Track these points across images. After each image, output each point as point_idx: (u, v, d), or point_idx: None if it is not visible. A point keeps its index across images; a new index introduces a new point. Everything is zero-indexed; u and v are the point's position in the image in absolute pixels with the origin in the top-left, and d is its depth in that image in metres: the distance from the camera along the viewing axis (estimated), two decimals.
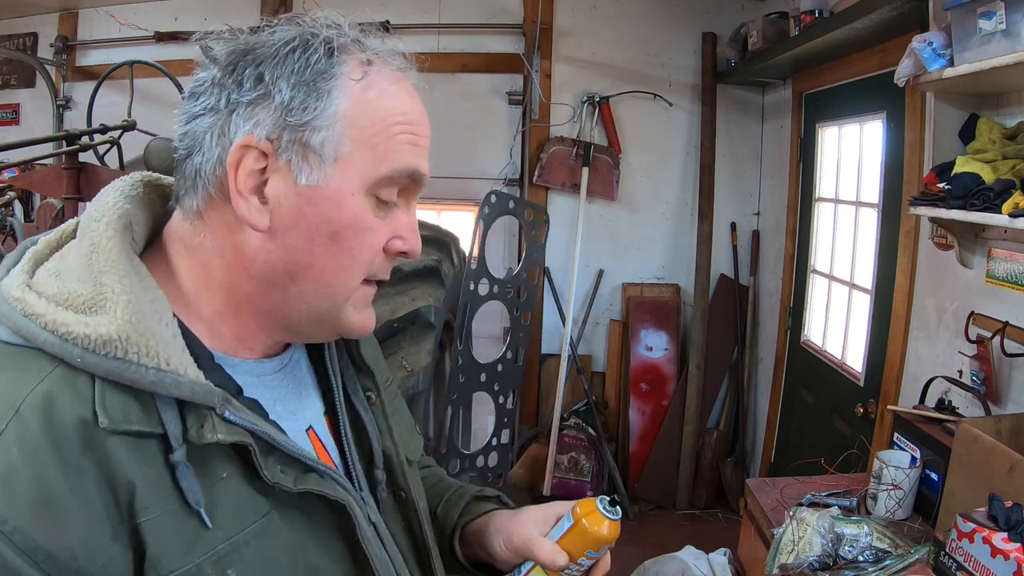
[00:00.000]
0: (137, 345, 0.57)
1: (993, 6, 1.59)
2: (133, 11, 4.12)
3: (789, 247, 3.60)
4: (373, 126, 0.64)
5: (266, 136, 0.62)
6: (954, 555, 1.34)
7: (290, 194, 0.63)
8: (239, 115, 0.62)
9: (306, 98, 0.62)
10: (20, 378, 0.55)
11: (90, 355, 0.56)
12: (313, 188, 0.63)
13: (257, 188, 0.63)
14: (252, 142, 0.62)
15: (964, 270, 2.12)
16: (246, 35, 0.65)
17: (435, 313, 1.96)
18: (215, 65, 0.63)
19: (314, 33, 0.63)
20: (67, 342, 0.56)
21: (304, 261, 0.64)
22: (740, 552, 2.21)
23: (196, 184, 0.64)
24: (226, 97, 0.62)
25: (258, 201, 0.63)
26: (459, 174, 4.04)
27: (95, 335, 0.56)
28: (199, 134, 0.63)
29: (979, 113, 1.99)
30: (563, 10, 3.97)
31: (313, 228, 0.64)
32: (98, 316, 0.57)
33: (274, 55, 0.62)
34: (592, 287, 4.06)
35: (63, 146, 2.36)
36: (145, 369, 0.57)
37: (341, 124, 0.63)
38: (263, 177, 0.63)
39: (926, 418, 1.87)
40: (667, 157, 4.03)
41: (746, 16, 3.66)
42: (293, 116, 0.62)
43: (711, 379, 3.96)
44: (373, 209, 0.65)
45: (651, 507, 3.92)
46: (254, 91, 0.62)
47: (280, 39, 0.63)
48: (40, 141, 2.54)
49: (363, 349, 0.80)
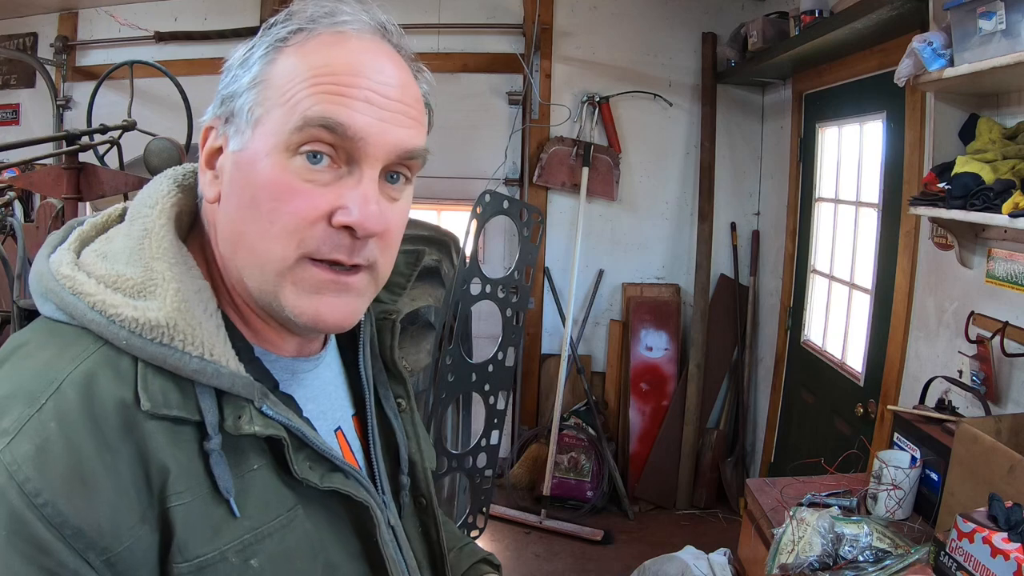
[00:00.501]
0: (183, 333, 0.58)
1: (993, 6, 1.59)
2: (133, 11, 4.12)
3: (789, 247, 3.60)
4: (288, 83, 0.62)
5: (218, 113, 0.65)
6: (954, 555, 1.34)
7: (228, 163, 0.64)
8: (214, 103, 0.66)
9: (239, 73, 0.64)
10: (63, 354, 0.57)
11: (136, 338, 0.57)
12: (238, 153, 0.63)
13: (211, 161, 0.66)
14: (213, 122, 0.66)
15: (964, 270, 2.12)
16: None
17: (435, 313, 1.96)
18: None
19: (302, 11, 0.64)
20: (114, 323, 0.57)
21: (238, 228, 0.63)
22: (740, 552, 2.21)
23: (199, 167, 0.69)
24: (220, 91, 0.66)
25: (212, 175, 0.66)
26: (459, 174, 4.04)
27: (144, 319, 0.57)
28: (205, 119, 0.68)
29: (979, 113, 1.99)
30: (563, 10, 3.97)
31: (238, 193, 0.63)
32: (148, 301, 0.58)
33: (259, 42, 0.65)
34: (592, 287, 4.06)
35: (63, 146, 2.36)
36: (189, 357, 0.58)
37: (257, 88, 0.63)
38: (217, 144, 0.66)
39: (926, 418, 1.87)
40: (667, 157, 4.03)
41: (746, 16, 3.67)
42: (227, 89, 0.65)
43: (711, 379, 3.96)
44: (300, 172, 0.61)
45: (651, 507, 3.92)
46: (226, 75, 0.66)
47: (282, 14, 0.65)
48: (40, 141, 2.54)
49: (399, 356, 0.82)
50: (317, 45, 0.63)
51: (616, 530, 3.64)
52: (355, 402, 0.78)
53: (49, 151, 2.73)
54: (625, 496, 3.84)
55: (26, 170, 2.75)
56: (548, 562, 3.39)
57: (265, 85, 0.62)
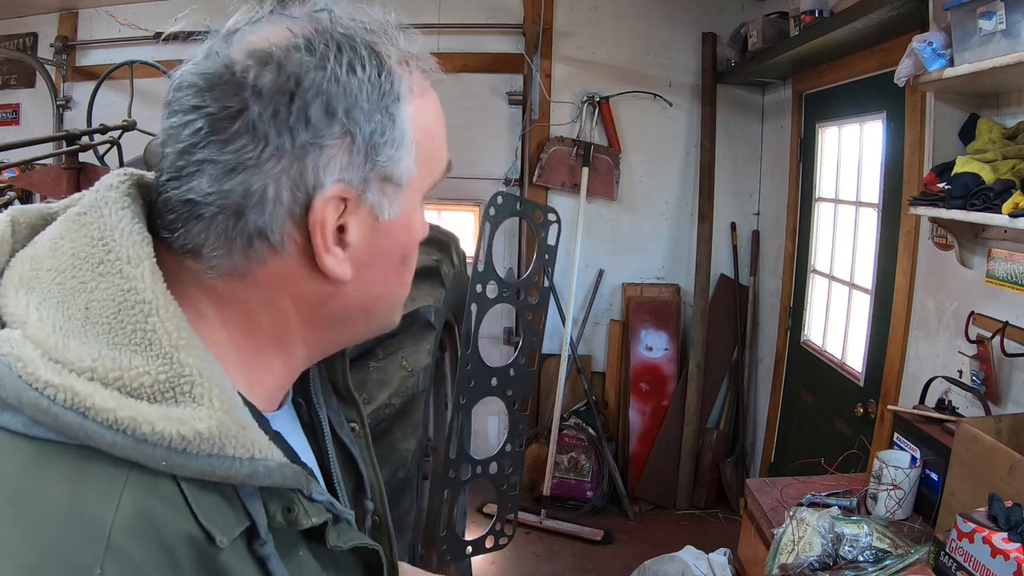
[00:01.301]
0: (234, 437, 0.48)
1: (993, 6, 1.59)
2: (133, 11, 4.12)
3: (789, 247, 3.60)
4: (428, 140, 0.57)
5: (352, 181, 0.52)
6: (954, 555, 1.34)
7: (370, 232, 0.55)
8: (315, 162, 0.50)
9: (384, 129, 0.53)
10: (83, 493, 0.43)
11: (179, 455, 0.46)
12: (391, 221, 0.56)
13: (339, 238, 0.54)
14: (343, 191, 0.52)
15: (964, 270, 2.12)
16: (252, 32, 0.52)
17: (435, 313, 1.96)
18: (249, 95, 0.49)
19: (349, 35, 0.53)
20: (146, 443, 0.45)
21: (379, 292, 0.59)
22: (740, 552, 2.21)
23: (252, 245, 0.52)
24: (290, 140, 0.49)
25: (337, 255, 0.54)
26: (459, 174, 4.03)
27: (191, 432, 0.46)
28: (253, 190, 0.50)
29: (979, 113, 1.99)
30: (563, 10, 3.96)
31: (389, 259, 0.58)
32: (188, 408, 0.47)
33: (334, 78, 0.50)
34: (592, 287, 4.06)
35: (63, 146, 2.36)
36: (240, 462, 0.48)
37: (411, 145, 0.55)
38: (341, 221, 0.53)
39: (926, 418, 1.87)
40: (667, 157, 4.03)
41: (746, 16, 3.66)
42: (379, 153, 0.53)
43: (711, 379, 3.96)
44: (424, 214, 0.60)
45: (651, 507, 3.92)
46: (329, 129, 0.50)
47: (330, 47, 0.51)
48: (40, 141, 2.54)
49: (347, 379, 0.73)
50: (426, 91, 0.58)
51: (616, 530, 3.64)
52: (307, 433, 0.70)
53: (49, 151, 2.73)
54: (625, 496, 3.84)
55: (26, 170, 2.75)
56: (548, 562, 3.39)
57: (416, 145, 0.55)
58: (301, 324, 0.57)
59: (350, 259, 0.54)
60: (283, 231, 0.51)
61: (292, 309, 0.56)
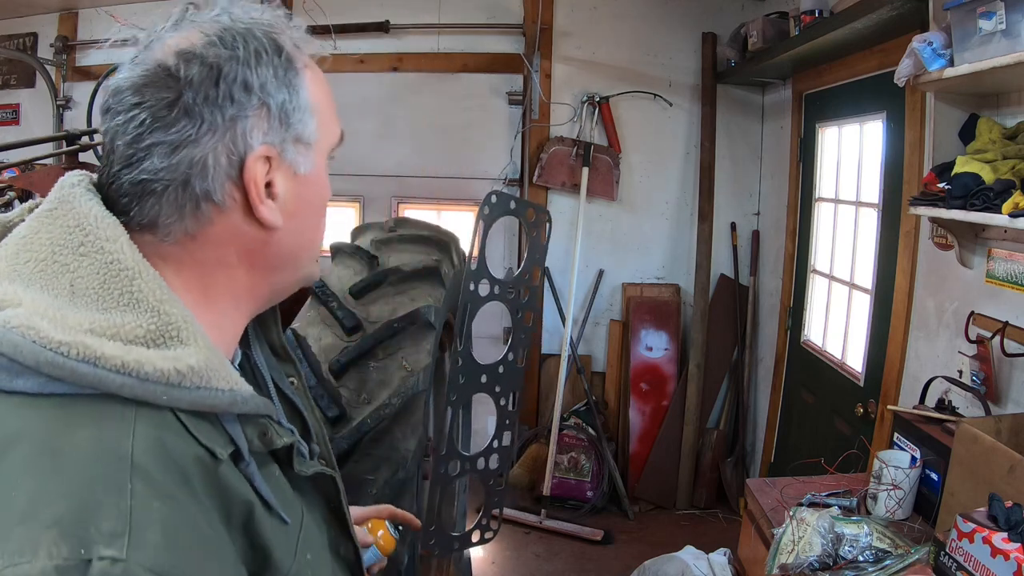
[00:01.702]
0: (216, 371, 0.58)
1: (993, 6, 1.59)
2: (133, 11, 4.12)
3: (789, 247, 3.60)
4: (323, 104, 0.68)
5: (273, 142, 0.63)
6: (954, 555, 1.34)
7: (293, 185, 0.66)
8: (242, 129, 0.61)
9: (291, 98, 0.64)
10: (104, 432, 0.52)
11: (175, 389, 0.55)
12: (307, 174, 0.67)
13: (267, 191, 0.64)
14: (268, 151, 0.63)
15: (964, 270, 2.12)
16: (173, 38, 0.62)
17: (435, 313, 1.96)
18: (182, 85, 0.59)
19: (249, 28, 0.63)
20: (148, 381, 0.54)
21: (308, 237, 0.71)
22: (740, 552, 2.21)
23: (199, 208, 0.61)
24: (221, 115, 0.60)
25: (269, 205, 0.64)
26: (459, 174, 4.04)
27: (184, 367, 0.55)
28: (196, 160, 0.60)
29: (979, 113, 1.99)
30: (563, 10, 3.97)
31: (313, 208, 0.70)
32: (179, 348, 0.56)
33: (247, 61, 0.61)
34: (592, 287, 4.06)
35: (63, 146, 2.36)
36: (222, 392, 0.58)
37: (312, 111, 0.67)
38: (269, 177, 0.64)
39: (926, 418, 1.87)
40: (667, 157, 4.03)
41: (746, 16, 3.66)
42: (290, 117, 0.64)
43: (711, 379, 3.96)
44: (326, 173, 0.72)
45: (651, 507, 3.92)
46: (249, 102, 0.61)
47: (237, 41, 0.62)
48: (40, 141, 2.54)
49: (281, 338, 0.82)
50: (313, 64, 0.69)
51: (616, 530, 3.64)
52: None
53: (49, 151, 2.73)
54: (625, 496, 3.84)
55: (26, 170, 2.75)
56: (548, 562, 3.39)
57: (314, 109, 0.67)
58: (246, 273, 0.67)
59: (280, 209, 0.65)
60: (224, 191, 0.62)
61: (237, 260, 0.66)
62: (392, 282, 2.01)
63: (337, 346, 1.87)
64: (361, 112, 4.07)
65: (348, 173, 4.11)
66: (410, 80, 4.06)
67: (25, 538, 0.46)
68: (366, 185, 4.13)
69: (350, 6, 3.99)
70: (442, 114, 4.05)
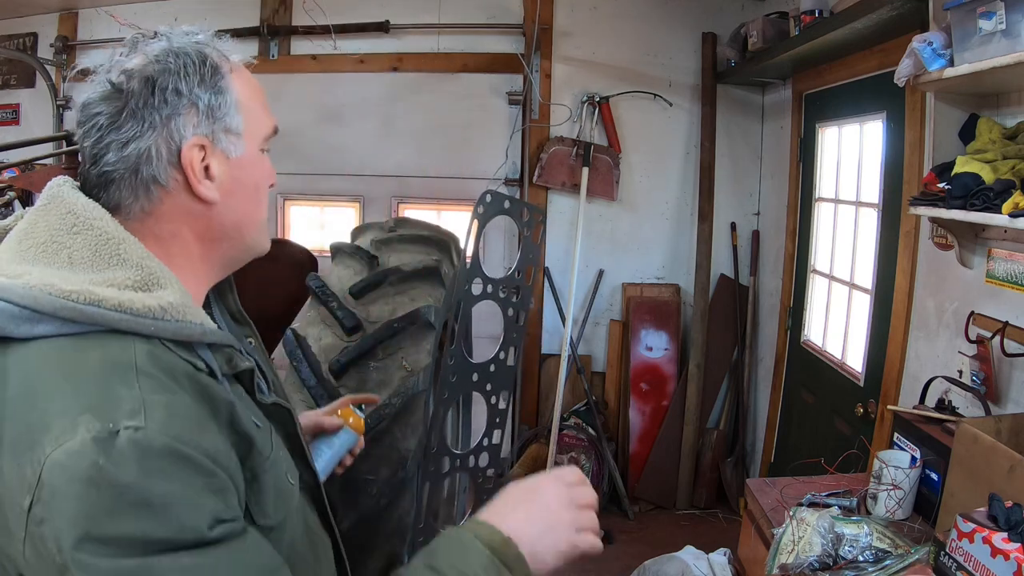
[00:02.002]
0: (188, 308, 0.74)
1: (993, 6, 1.59)
2: (133, 11, 4.12)
3: (789, 247, 3.60)
4: (251, 102, 0.84)
5: (205, 132, 0.79)
6: (954, 555, 1.34)
7: (227, 167, 0.82)
8: (176, 125, 0.77)
9: (216, 96, 0.80)
10: (109, 352, 0.69)
11: (159, 323, 0.71)
12: (239, 158, 0.83)
13: (205, 172, 0.80)
14: (200, 140, 0.79)
15: (964, 270, 2.12)
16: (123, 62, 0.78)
17: (435, 313, 1.96)
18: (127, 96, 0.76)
19: (182, 47, 0.79)
20: (138, 316, 0.70)
21: (245, 211, 0.85)
22: (740, 552, 2.21)
23: (149, 190, 0.78)
24: (158, 115, 0.76)
25: (207, 184, 0.80)
26: (459, 174, 4.04)
27: (165, 303, 0.72)
28: (142, 152, 0.76)
29: (979, 113, 1.99)
30: (563, 10, 3.96)
31: (246, 186, 0.85)
32: (160, 291, 0.73)
33: (176, 72, 0.77)
34: (592, 287, 4.06)
35: (63, 146, 2.36)
36: (194, 325, 0.74)
37: (238, 107, 0.82)
38: (204, 163, 0.79)
39: (926, 418, 1.87)
40: (667, 157, 4.03)
41: (746, 16, 3.66)
42: (217, 112, 0.80)
43: (711, 379, 3.96)
44: (266, 161, 0.88)
45: (651, 507, 3.93)
46: (180, 103, 0.77)
47: (169, 58, 0.78)
48: (40, 141, 2.54)
49: (237, 304, 0.99)
50: (240, 70, 0.85)
51: (616, 530, 3.64)
52: None
53: (49, 151, 2.73)
54: (625, 496, 3.84)
55: (26, 170, 2.75)
56: None
57: (241, 105, 0.82)
58: (197, 242, 0.83)
59: (217, 187, 0.81)
60: (167, 174, 0.78)
61: (188, 232, 0.82)
62: (392, 282, 2.01)
63: (337, 346, 1.87)
64: (361, 112, 4.07)
65: (348, 173, 4.12)
66: (410, 80, 4.06)
67: (65, 425, 0.63)
68: (366, 185, 4.13)
69: (350, 6, 3.99)
70: (442, 114, 4.05)
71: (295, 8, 4.06)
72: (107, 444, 0.62)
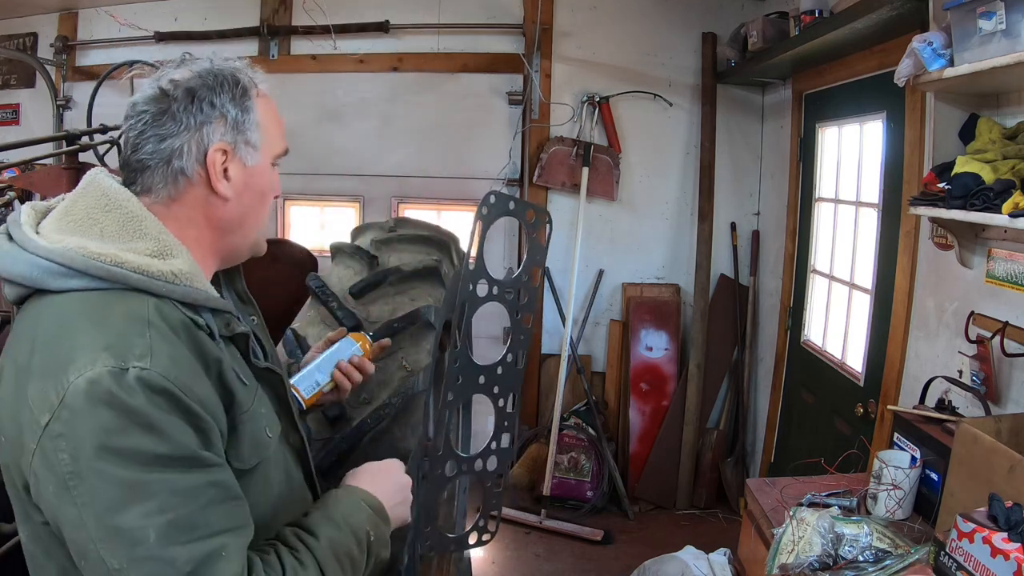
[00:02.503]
0: (196, 277, 0.91)
1: (993, 6, 1.59)
2: (133, 11, 4.12)
3: (789, 247, 3.60)
4: (270, 123, 1.02)
5: (229, 140, 0.96)
6: (954, 555, 1.34)
7: (242, 173, 0.98)
8: (207, 130, 0.94)
9: (243, 113, 0.97)
10: (129, 305, 0.85)
11: (171, 286, 0.88)
12: (253, 167, 1.00)
13: (225, 173, 0.96)
14: (224, 146, 0.95)
15: (964, 270, 2.12)
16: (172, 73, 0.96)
17: (435, 313, 1.96)
18: (171, 100, 0.93)
19: (221, 69, 0.97)
20: (154, 279, 0.87)
21: (250, 212, 1.02)
22: (740, 552, 2.21)
23: (177, 180, 0.95)
24: (194, 119, 0.93)
25: (224, 183, 0.96)
26: (459, 174, 4.04)
27: (177, 270, 0.88)
28: (176, 147, 0.93)
29: (979, 113, 1.99)
30: (563, 10, 3.97)
31: (255, 191, 1.01)
32: (172, 260, 0.89)
33: (213, 88, 0.95)
34: (592, 287, 4.06)
35: (63, 146, 2.36)
36: (199, 291, 0.90)
37: (259, 125, 0.99)
38: (224, 165, 0.96)
39: (926, 418, 1.87)
40: (667, 157, 4.03)
41: (746, 16, 3.67)
42: (241, 126, 0.97)
43: (711, 379, 3.96)
44: (275, 173, 1.04)
45: (651, 507, 3.92)
46: (213, 113, 0.94)
47: (209, 76, 0.95)
48: (40, 141, 2.54)
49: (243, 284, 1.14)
50: (265, 96, 1.02)
51: (616, 530, 3.64)
52: None
53: (49, 151, 2.73)
54: (625, 496, 3.84)
55: (26, 170, 2.75)
56: (548, 562, 3.39)
57: (261, 124, 1.00)
58: (208, 229, 0.99)
59: (231, 187, 0.98)
60: (193, 169, 0.95)
61: (202, 220, 0.98)
62: (392, 282, 2.01)
63: None
64: (361, 112, 4.07)
65: (348, 173, 4.12)
66: (410, 80, 4.06)
67: (87, 357, 0.79)
68: (366, 185, 4.13)
69: (350, 6, 3.99)
70: (442, 114, 4.05)
71: (295, 8, 4.06)
72: (120, 377, 0.78)
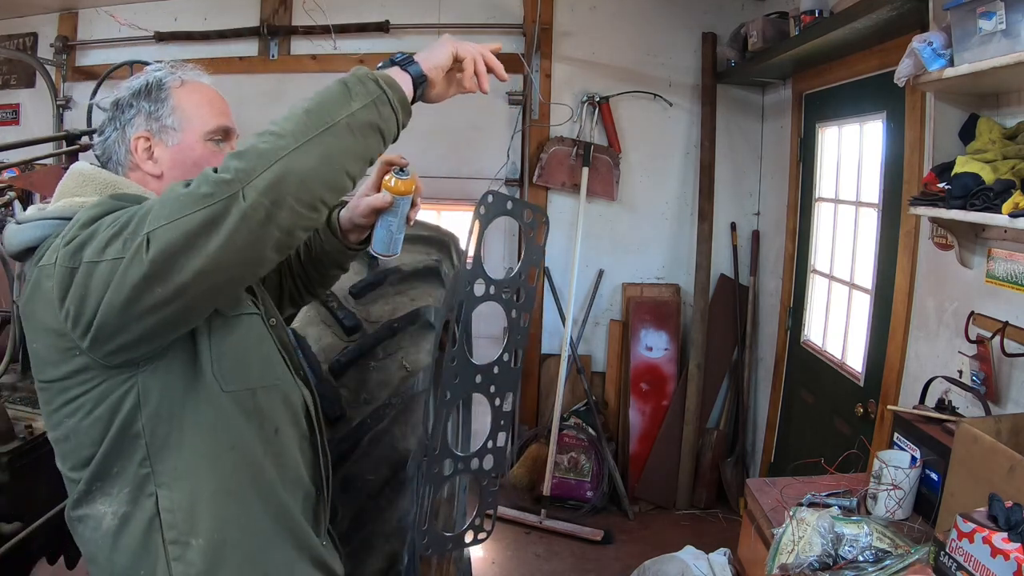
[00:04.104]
0: None
1: (993, 6, 1.59)
2: (133, 11, 4.12)
3: (789, 247, 3.60)
4: (193, 107, 1.20)
5: (146, 129, 1.18)
6: (954, 555, 1.34)
7: (167, 152, 1.19)
8: (129, 126, 1.18)
9: (156, 104, 1.18)
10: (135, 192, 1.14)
11: None
12: (178, 145, 1.19)
13: (149, 155, 1.18)
14: (143, 134, 1.18)
15: (964, 270, 2.12)
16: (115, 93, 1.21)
17: (435, 313, 1.96)
18: (105, 111, 1.20)
19: (147, 79, 1.19)
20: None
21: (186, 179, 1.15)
22: (740, 552, 2.21)
23: (123, 164, 1.19)
24: (119, 121, 1.19)
25: (151, 163, 1.19)
26: (459, 174, 4.04)
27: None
28: (111, 144, 1.20)
29: (979, 113, 1.99)
30: (563, 10, 3.97)
31: (186, 164, 1.19)
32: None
33: (134, 94, 1.19)
34: (592, 287, 4.06)
35: (63, 146, 2.36)
36: None
37: (177, 110, 1.19)
38: (150, 149, 1.18)
39: (926, 418, 1.87)
40: (667, 157, 4.03)
41: (746, 16, 3.66)
42: (155, 115, 1.18)
43: (711, 379, 3.96)
44: (213, 147, 1.21)
45: (651, 507, 3.92)
46: (131, 113, 1.18)
47: (136, 87, 1.19)
48: (40, 141, 2.54)
49: None
50: (193, 86, 1.22)
51: (616, 530, 3.64)
52: None
53: (49, 151, 2.73)
54: (625, 496, 3.84)
55: (26, 170, 2.75)
56: (548, 562, 3.39)
57: (180, 109, 1.19)
58: None
59: (159, 165, 1.19)
60: (126, 157, 1.19)
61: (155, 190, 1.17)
62: (392, 282, 2.02)
63: (337, 346, 1.87)
64: None
65: None
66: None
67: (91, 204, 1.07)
68: None
69: (350, 6, 3.99)
70: (442, 114, 3.99)
71: (295, 8, 4.06)
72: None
